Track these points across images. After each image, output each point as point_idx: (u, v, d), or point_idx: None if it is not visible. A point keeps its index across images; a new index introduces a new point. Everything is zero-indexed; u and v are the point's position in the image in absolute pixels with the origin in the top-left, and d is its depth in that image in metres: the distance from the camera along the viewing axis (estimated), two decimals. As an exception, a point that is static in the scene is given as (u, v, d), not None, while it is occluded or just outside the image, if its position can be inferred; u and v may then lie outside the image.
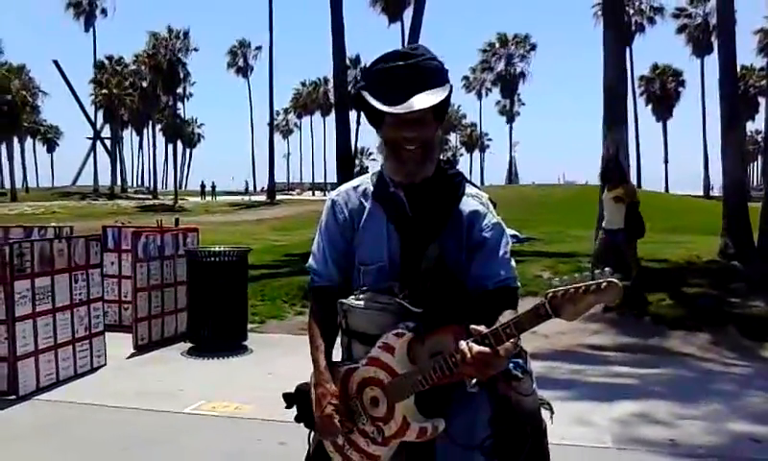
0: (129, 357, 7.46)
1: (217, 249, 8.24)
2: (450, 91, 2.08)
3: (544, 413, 2.12)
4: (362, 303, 2.08)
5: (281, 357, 7.29)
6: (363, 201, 2.20)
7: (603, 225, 9.80)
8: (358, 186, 2.25)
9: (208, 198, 58.81)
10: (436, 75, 2.06)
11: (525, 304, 1.87)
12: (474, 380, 1.93)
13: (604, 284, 1.67)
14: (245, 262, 8.18)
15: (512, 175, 76.42)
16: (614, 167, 10.06)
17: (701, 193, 54.94)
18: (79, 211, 38.23)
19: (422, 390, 1.93)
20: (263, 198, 53.43)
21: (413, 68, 2.03)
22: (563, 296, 1.72)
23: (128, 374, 6.85)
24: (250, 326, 8.34)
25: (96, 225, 13.57)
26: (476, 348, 1.78)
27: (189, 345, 7.84)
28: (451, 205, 2.13)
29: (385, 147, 2.14)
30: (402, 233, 2.11)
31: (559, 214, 23.13)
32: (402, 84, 2.01)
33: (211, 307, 7.67)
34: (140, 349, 7.71)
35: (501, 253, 2.10)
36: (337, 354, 2.21)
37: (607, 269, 1.70)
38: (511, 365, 2.01)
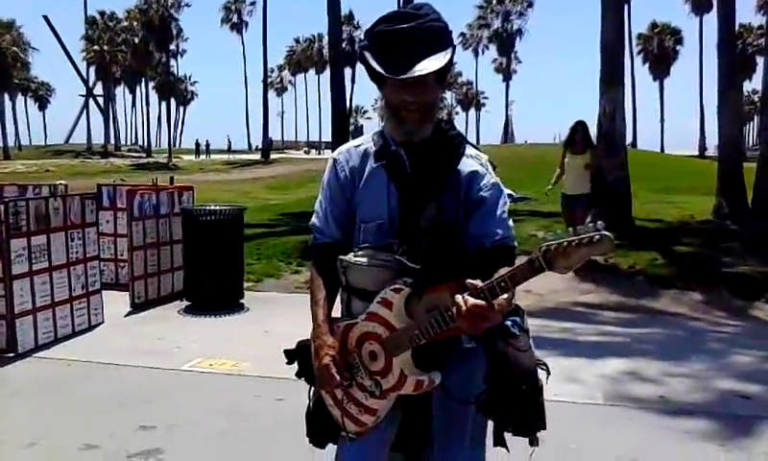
0: (126, 315, 7.51)
1: (213, 207, 8.25)
2: (453, 53, 2.08)
3: (541, 373, 2.15)
4: (361, 259, 2.11)
5: (278, 316, 7.36)
6: (364, 159, 2.22)
7: (564, 190, 9.64)
8: (360, 145, 2.27)
9: (203, 156, 58.54)
10: (439, 37, 2.06)
11: (519, 261, 1.89)
12: (471, 336, 1.97)
13: (596, 237, 1.69)
14: (241, 221, 8.19)
15: (508, 134, 76.11)
16: (581, 132, 9.61)
17: (696, 153, 54.87)
18: (72, 170, 38.06)
19: (419, 344, 1.97)
20: (257, 156, 53.19)
21: (416, 31, 2.02)
22: (555, 249, 1.73)
23: (125, 331, 6.91)
24: (246, 284, 8.39)
25: (90, 183, 13.53)
26: (471, 300, 1.80)
27: (186, 303, 7.89)
28: (450, 164, 2.15)
29: (386, 108, 2.16)
30: (402, 192, 2.14)
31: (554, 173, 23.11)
32: (405, 47, 2.01)
33: (207, 266, 7.70)
34: (137, 307, 7.75)
35: (499, 212, 2.14)
36: (337, 311, 2.24)
37: (599, 222, 1.72)
38: (508, 322, 2.06)
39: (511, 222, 2.17)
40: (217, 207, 8.23)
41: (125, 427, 4.45)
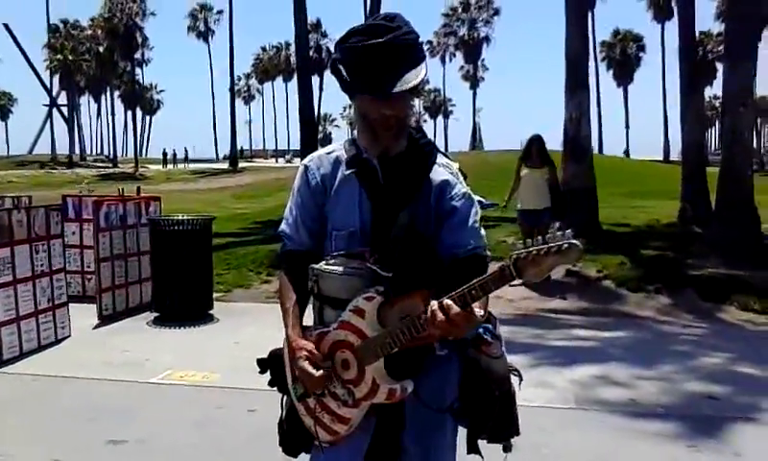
0: (94, 328, 7.40)
1: (180, 217, 8.17)
2: (426, 66, 2.08)
3: (513, 379, 2.16)
4: (333, 267, 2.09)
5: (248, 326, 7.31)
6: (336, 167, 2.20)
7: (521, 206, 9.25)
8: (331, 153, 2.25)
9: (170, 166, 58.00)
10: (413, 51, 2.05)
11: (491, 269, 1.90)
12: (444, 344, 1.97)
13: (565, 246, 1.70)
14: (209, 231, 8.13)
15: (476, 141, 76.56)
16: (537, 145, 9.24)
17: (661, 158, 55.74)
18: (36, 180, 37.46)
19: (392, 352, 1.97)
20: (225, 165, 52.85)
21: (390, 47, 2.00)
22: (525, 258, 1.75)
23: (93, 344, 6.80)
24: (215, 294, 8.32)
25: (55, 194, 13.33)
26: (450, 306, 1.80)
27: (155, 314, 7.80)
28: (422, 174, 2.14)
29: (361, 121, 2.15)
30: (374, 200, 2.13)
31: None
32: (380, 63, 1.99)
33: (176, 277, 7.62)
34: (105, 319, 7.64)
35: (471, 222, 2.13)
36: (308, 320, 2.23)
37: (568, 231, 1.73)
38: (480, 329, 2.06)
39: (483, 231, 2.18)
40: (185, 217, 8.16)
41: (94, 442, 4.37)
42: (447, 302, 1.81)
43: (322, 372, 2.04)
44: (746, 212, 10.30)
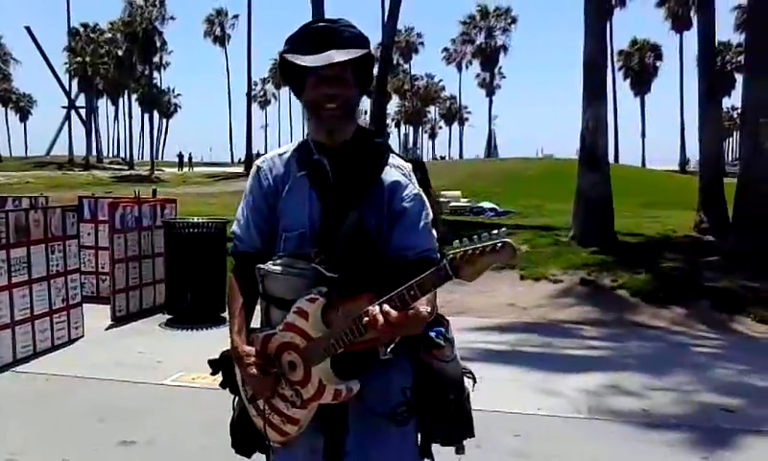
0: (107, 329, 7.45)
1: (195, 220, 8.20)
2: (371, 58, 2.13)
3: (467, 381, 2.17)
4: (279, 268, 2.08)
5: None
6: (288, 167, 2.20)
7: None
8: (284, 153, 2.25)
9: (186, 169, 58.23)
10: (356, 40, 2.10)
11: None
12: (389, 348, 1.97)
13: (499, 245, 1.72)
14: (223, 234, 8.14)
15: (491, 148, 76.42)
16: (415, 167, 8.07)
17: (677, 168, 55.38)
18: (54, 181, 37.72)
19: (337, 353, 1.96)
20: (240, 169, 53.02)
21: (333, 31, 2.08)
22: (461, 257, 1.75)
23: (106, 345, 6.84)
24: (228, 297, 8.33)
25: (72, 195, 13.43)
26: (385, 308, 1.80)
27: (167, 316, 7.83)
28: (373, 173, 2.13)
29: (307, 109, 2.16)
30: (324, 201, 2.12)
31: (537, 188, 23.30)
32: (322, 42, 2.05)
33: (190, 279, 7.66)
34: (118, 320, 7.69)
35: (421, 224, 2.12)
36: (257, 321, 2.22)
37: (503, 229, 1.75)
38: (432, 333, 2.07)
39: (434, 233, 2.17)
40: (200, 220, 8.19)
41: (105, 443, 4.39)
42: (386, 306, 1.81)
43: (270, 377, 2.05)
44: (764, 224, 10.20)
